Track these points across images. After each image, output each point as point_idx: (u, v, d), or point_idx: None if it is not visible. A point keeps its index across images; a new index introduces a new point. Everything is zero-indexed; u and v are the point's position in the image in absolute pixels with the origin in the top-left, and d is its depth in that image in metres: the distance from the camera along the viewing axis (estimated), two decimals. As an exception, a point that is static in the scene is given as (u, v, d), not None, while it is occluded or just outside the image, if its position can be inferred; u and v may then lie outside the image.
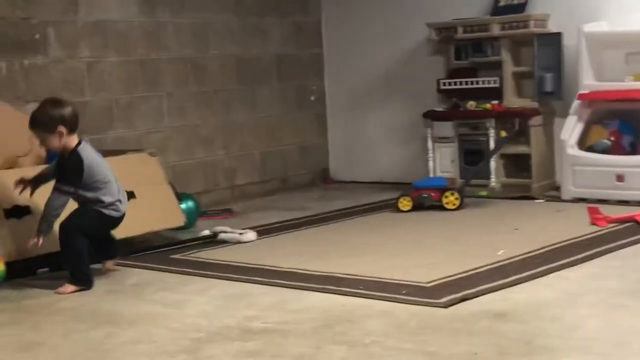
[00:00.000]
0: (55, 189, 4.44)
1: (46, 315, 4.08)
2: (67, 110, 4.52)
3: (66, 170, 4.49)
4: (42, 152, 5.41)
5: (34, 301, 4.34)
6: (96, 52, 6.37)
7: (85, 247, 4.54)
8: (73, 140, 4.52)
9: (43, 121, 4.47)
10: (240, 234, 5.57)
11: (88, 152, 4.55)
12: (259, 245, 5.43)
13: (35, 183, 4.60)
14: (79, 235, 4.50)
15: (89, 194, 4.53)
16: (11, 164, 5.15)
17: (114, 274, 4.84)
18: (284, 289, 4.31)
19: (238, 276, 4.61)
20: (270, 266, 4.78)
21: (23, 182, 4.57)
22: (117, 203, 4.63)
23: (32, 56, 5.97)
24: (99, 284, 4.61)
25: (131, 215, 5.22)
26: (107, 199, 4.57)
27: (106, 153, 5.63)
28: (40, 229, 4.42)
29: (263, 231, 5.77)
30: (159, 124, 6.80)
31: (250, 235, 5.58)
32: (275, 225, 6.06)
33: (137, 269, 4.93)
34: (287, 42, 7.80)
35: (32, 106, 5.86)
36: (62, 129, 4.45)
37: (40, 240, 4.41)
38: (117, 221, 4.70)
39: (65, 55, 6.17)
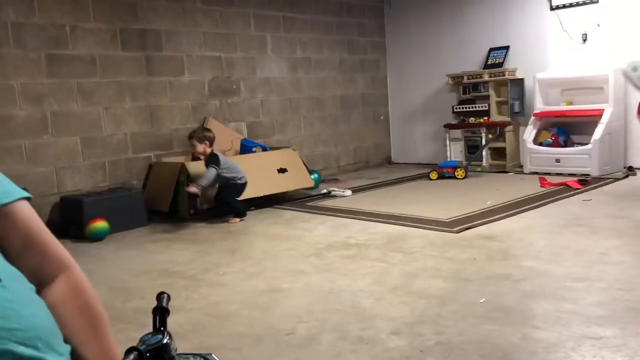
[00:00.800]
0: (209, 167, 4.54)
1: (241, 235, 4.25)
2: (212, 134, 4.72)
3: (212, 161, 4.59)
4: (236, 146, 5.54)
5: (235, 227, 4.52)
6: (265, 94, 6.48)
7: (238, 201, 4.67)
8: (209, 149, 4.68)
9: (199, 136, 4.67)
10: (343, 191, 5.63)
11: (218, 152, 4.70)
12: (353, 198, 5.48)
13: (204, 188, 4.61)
14: (234, 198, 4.68)
15: (229, 174, 4.67)
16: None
17: (274, 213, 4.91)
18: (367, 221, 4.36)
19: (341, 215, 4.67)
20: (359, 209, 4.83)
21: (194, 186, 4.50)
22: (243, 176, 4.76)
23: (231, 97, 6.13)
24: (267, 218, 4.71)
25: (283, 181, 5.29)
26: (237, 174, 4.72)
27: (272, 148, 5.77)
28: (201, 185, 4.41)
29: (355, 190, 5.81)
30: (299, 133, 6.87)
31: (348, 192, 5.63)
32: (362, 187, 6.07)
33: (288, 210, 5.03)
34: (367, 86, 7.74)
35: (233, 125, 6.06)
36: (207, 142, 4.65)
37: (198, 190, 4.38)
38: (244, 186, 4.76)
39: (249, 97, 6.31)
